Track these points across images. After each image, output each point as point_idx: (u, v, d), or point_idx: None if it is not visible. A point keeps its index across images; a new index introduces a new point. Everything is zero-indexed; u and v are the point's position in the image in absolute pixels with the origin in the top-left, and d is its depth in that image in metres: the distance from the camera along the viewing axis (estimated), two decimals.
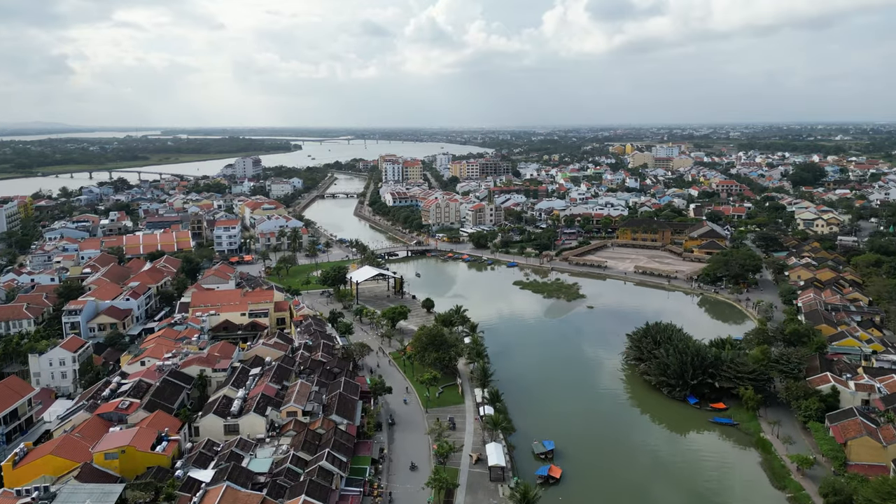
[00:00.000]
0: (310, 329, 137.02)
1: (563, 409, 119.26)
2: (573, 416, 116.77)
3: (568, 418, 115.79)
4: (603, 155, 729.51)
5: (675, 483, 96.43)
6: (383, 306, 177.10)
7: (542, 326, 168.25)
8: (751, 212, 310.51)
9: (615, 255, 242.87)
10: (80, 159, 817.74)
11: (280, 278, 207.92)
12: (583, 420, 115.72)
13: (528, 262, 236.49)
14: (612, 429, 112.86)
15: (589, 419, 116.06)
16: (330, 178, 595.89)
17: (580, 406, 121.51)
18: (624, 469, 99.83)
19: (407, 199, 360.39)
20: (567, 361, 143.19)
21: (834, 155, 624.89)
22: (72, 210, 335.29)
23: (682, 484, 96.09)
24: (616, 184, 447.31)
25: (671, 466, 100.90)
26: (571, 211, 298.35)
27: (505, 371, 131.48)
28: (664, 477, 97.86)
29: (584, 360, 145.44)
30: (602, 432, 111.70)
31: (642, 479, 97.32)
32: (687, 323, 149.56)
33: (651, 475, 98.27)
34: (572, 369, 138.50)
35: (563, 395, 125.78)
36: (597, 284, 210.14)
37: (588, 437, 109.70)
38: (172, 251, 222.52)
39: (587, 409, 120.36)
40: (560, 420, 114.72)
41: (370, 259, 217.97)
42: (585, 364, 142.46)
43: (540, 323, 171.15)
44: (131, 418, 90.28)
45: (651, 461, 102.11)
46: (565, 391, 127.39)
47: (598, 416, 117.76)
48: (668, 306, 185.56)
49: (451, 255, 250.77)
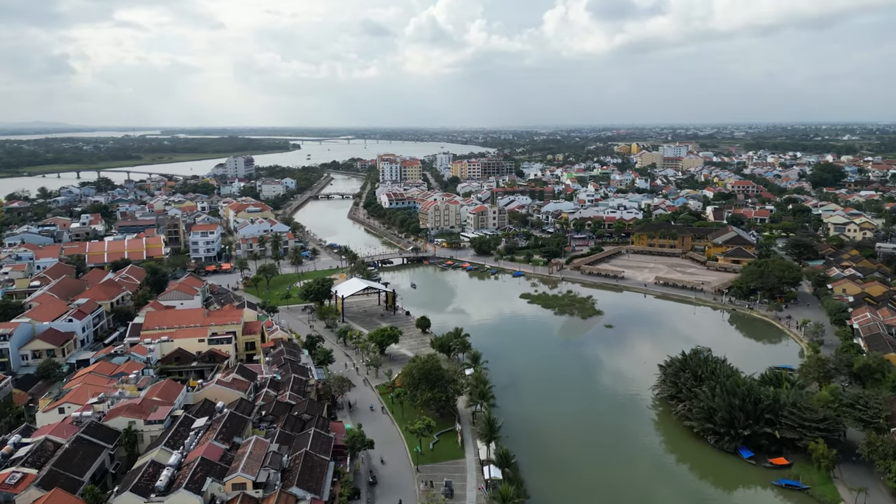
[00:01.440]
0: (280, 358, 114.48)
1: (587, 469, 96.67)
2: (599, 478, 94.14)
3: (593, 480, 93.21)
4: (608, 155, 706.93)
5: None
6: (373, 324, 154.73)
7: (556, 351, 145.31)
8: (774, 215, 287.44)
9: (631, 264, 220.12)
10: (71, 158, 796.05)
11: (259, 290, 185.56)
12: (611, 482, 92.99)
13: (535, 271, 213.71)
14: (651, 493, 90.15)
15: (618, 479, 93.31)
16: (326, 178, 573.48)
17: (608, 462, 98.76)
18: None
19: (404, 200, 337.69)
20: (589, 400, 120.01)
21: (847, 155, 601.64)
22: (45, 212, 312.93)
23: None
24: (625, 184, 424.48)
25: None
26: (581, 214, 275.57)
27: (515, 415, 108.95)
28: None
29: (608, 396, 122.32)
30: (640, 498, 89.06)
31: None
32: (721, 346, 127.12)
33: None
34: (596, 411, 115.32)
35: (588, 448, 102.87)
36: (613, 297, 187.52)
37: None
38: (141, 259, 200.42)
39: (616, 465, 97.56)
40: (584, 485, 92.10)
41: (360, 268, 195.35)
42: (611, 402, 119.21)
43: (553, 346, 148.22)
44: (20, 500, 67.71)
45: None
46: (590, 443, 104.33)
47: (630, 474, 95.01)
48: (697, 324, 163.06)
49: (450, 263, 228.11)
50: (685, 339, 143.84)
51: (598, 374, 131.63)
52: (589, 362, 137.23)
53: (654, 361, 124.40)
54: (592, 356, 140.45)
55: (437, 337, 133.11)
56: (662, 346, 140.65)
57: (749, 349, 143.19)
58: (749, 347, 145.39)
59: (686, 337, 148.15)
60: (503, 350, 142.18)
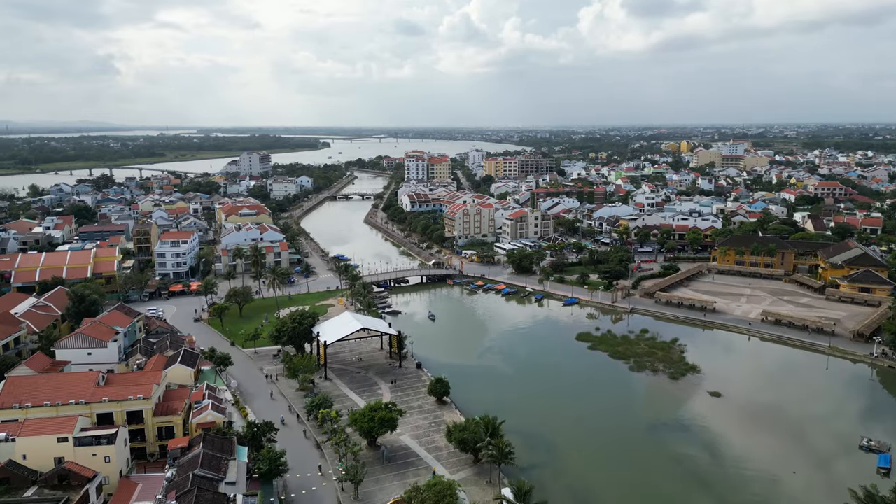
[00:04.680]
0: (187, 477, 66.64)
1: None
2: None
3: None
4: (655, 153, 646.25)
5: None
6: (367, 386, 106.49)
7: (644, 444, 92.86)
8: (888, 224, 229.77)
9: (720, 289, 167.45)
10: (94, 156, 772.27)
11: (224, 323, 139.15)
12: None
13: (593, 297, 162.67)
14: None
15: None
16: (349, 177, 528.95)
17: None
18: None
19: (428, 202, 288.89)
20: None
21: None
22: (18, 214, 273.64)
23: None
24: (685, 185, 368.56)
25: None
26: (644, 221, 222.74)
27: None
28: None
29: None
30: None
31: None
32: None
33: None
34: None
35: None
36: (706, 341, 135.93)
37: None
38: (84, 277, 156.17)
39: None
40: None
41: (360, 294, 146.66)
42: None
43: (637, 433, 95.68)
44: None
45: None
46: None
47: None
48: (845, 392, 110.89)
49: (481, 284, 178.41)
50: (836, 423, 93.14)
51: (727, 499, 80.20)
52: (703, 471, 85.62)
53: (808, 474, 74.44)
54: (703, 460, 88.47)
55: (458, 426, 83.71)
56: (809, 439, 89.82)
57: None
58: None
59: (833, 414, 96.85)
60: (559, 440, 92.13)
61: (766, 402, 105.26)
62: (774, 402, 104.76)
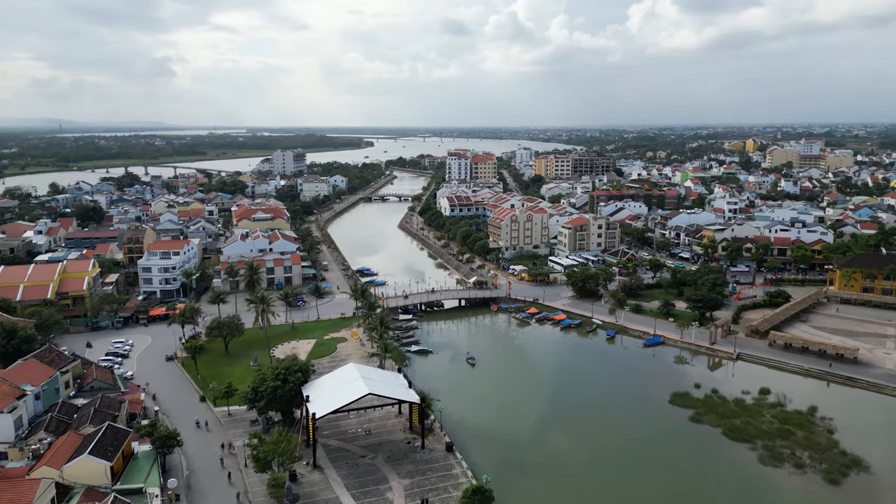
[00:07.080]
0: None
1: None
2: None
3: None
4: (718, 153, 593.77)
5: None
6: (369, 484, 71.71)
7: None
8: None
9: (851, 326, 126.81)
10: (137, 154, 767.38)
11: (200, 365, 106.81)
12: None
13: (684, 337, 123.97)
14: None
15: None
16: (388, 176, 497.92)
17: None
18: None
19: (470, 205, 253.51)
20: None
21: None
22: (23, 216, 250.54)
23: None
24: (765, 188, 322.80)
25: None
26: (735, 233, 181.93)
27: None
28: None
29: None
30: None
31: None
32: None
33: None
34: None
35: None
36: (858, 410, 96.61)
37: None
38: (45, 297, 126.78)
39: None
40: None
41: (376, 325, 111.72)
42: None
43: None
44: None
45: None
46: None
47: None
48: None
49: (534, 312, 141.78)
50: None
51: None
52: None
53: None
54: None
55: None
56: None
57: None
58: None
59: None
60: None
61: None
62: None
